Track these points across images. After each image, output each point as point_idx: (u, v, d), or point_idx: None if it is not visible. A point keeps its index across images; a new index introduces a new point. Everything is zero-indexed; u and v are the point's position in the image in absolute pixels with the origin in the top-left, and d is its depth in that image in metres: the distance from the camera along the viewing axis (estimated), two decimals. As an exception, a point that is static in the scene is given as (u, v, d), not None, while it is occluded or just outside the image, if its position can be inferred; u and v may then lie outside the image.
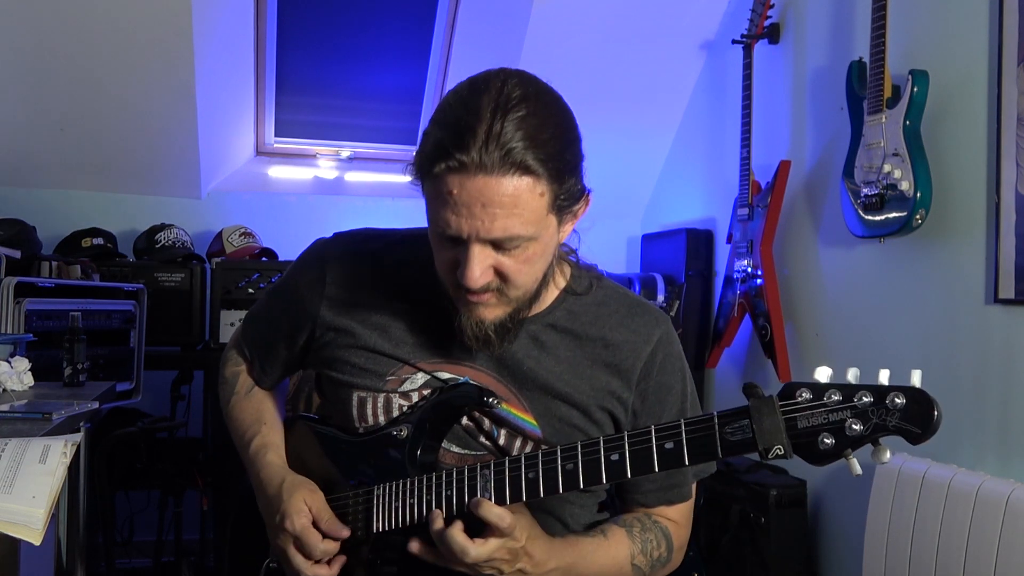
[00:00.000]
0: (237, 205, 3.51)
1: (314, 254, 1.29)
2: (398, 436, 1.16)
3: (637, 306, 1.23)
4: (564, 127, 1.05)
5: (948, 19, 2.25)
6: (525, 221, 1.01)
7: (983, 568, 1.90)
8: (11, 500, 1.08)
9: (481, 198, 0.99)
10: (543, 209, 1.03)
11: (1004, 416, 2.07)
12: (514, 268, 1.06)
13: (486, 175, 0.98)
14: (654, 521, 1.22)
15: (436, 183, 1.02)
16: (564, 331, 1.19)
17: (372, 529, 1.15)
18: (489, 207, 0.99)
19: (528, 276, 1.08)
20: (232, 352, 1.41)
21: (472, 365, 1.18)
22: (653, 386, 1.20)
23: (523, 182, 0.99)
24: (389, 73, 3.64)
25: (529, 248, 1.05)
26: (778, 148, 2.91)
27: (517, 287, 1.08)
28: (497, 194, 0.99)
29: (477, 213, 1.00)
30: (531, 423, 1.17)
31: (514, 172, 0.99)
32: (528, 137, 0.99)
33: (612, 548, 1.17)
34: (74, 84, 2.90)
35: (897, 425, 0.87)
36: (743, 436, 0.93)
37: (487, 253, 1.04)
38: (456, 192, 1.00)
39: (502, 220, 1.00)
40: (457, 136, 0.99)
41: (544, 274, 1.12)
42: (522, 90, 1.02)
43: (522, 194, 1.00)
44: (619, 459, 1.00)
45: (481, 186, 0.99)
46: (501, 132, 0.98)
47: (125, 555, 3.02)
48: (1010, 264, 2.03)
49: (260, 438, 1.27)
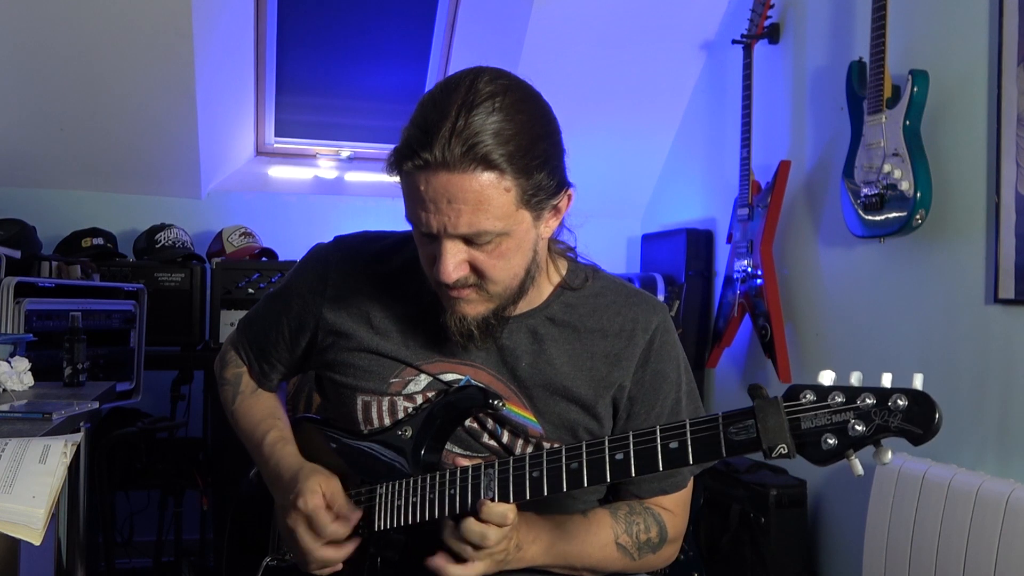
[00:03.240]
0: (237, 205, 3.51)
1: (315, 258, 1.30)
2: (403, 436, 1.17)
3: (634, 295, 1.25)
4: (534, 122, 1.05)
5: (948, 19, 2.25)
6: (492, 216, 1.03)
7: (983, 568, 1.90)
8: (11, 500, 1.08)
9: (446, 194, 1.01)
10: (511, 204, 1.04)
11: (1004, 416, 2.07)
12: (488, 263, 1.07)
13: (448, 172, 1.00)
14: (646, 507, 1.23)
15: (407, 180, 1.05)
16: (562, 324, 1.20)
17: (374, 527, 1.16)
18: (454, 203, 1.01)
19: (504, 271, 1.09)
20: (230, 354, 1.41)
21: (472, 363, 1.19)
22: (649, 374, 1.21)
23: (486, 177, 1.01)
24: (389, 73, 3.64)
25: (502, 244, 1.06)
26: (778, 148, 2.91)
27: (495, 282, 1.09)
28: (461, 190, 1.01)
29: (444, 209, 1.02)
30: (532, 420, 1.18)
31: (476, 167, 1.00)
32: (493, 133, 1.00)
33: (593, 527, 1.18)
34: (74, 84, 2.90)
35: (899, 426, 0.88)
36: (747, 436, 0.94)
37: (459, 248, 1.06)
38: (423, 189, 1.02)
39: (468, 216, 1.02)
40: (423, 134, 1.01)
41: (527, 269, 1.12)
42: (492, 87, 1.03)
43: (486, 189, 1.01)
44: (623, 458, 1.00)
45: (445, 182, 1.01)
46: (465, 127, 0.99)
47: (125, 555, 3.02)
48: (1010, 264, 2.03)
49: (276, 431, 1.28)
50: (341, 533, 1.15)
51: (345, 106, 3.70)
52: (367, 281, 1.24)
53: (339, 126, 3.72)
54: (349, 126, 3.72)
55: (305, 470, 1.18)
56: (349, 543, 1.16)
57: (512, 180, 1.02)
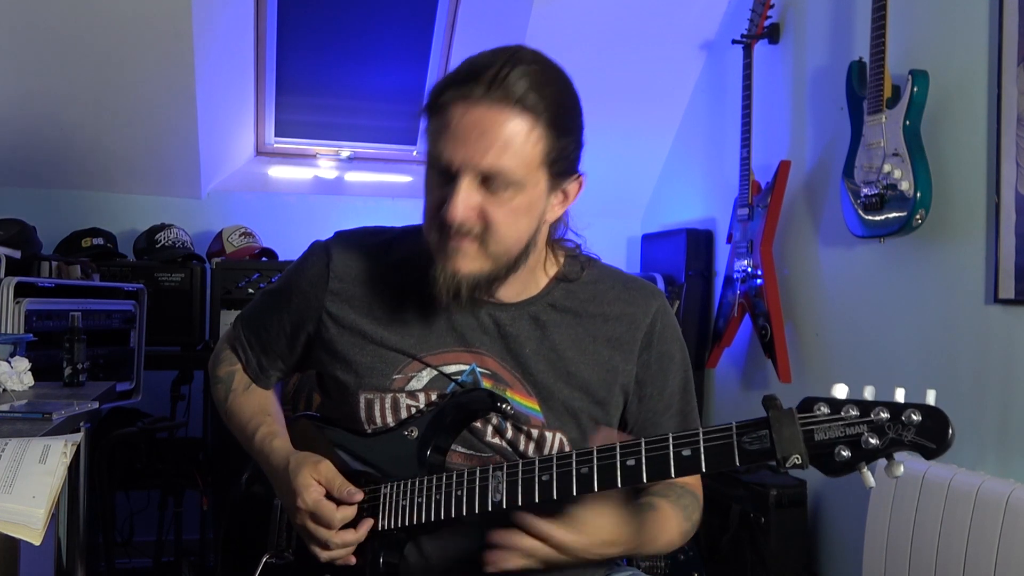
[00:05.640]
0: (237, 205, 3.51)
1: (315, 251, 1.30)
2: (408, 437, 1.17)
3: (632, 281, 1.27)
4: (569, 93, 1.12)
5: (948, 19, 2.25)
6: (516, 161, 1.06)
7: (983, 568, 1.90)
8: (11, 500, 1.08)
9: (479, 126, 1.05)
10: (535, 157, 1.07)
11: (1004, 416, 2.07)
12: (497, 215, 1.08)
13: (487, 106, 1.04)
14: (682, 487, 1.25)
15: (440, 114, 1.07)
16: (564, 310, 1.22)
17: (377, 527, 1.15)
18: (485, 137, 1.05)
19: (511, 229, 1.10)
20: (225, 352, 1.40)
21: (477, 350, 1.20)
22: (655, 356, 1.23)
23: (521, 121, 1.05)
24: (389, 73, 3.64)
25: (515, 198, 1.08)
26: (778, 148, 2.91)
27: (498, 240, 1.10)
28: (494, 125, 1.05)
29: (473, 142, 1.05)
30: (535, 409, 1.19)
31: (515, 109, 1.05)
32: (533, 85, 1.05)
33: (663, 522, 1.18)
34: (74, 84, 2.90)
35: (913, 440, 0.89)
36: (761, 446, 0.94)
37: (474, 191, 1.07)
38: (456, 121, 1.05)
39: (494, 152, 1.05)
40: (468, 73, 1.06)
41: (528, 239, 1.14)
42: (534, 55, 1.10)
43: (519, 132, 1.05)
44: (635, 464, 1.00)
45: (481, 115, 1.05)
46: (511, 72, 1.05)
47: (125, 555, 3.02)
48: (1010, 264, 2.03)
49: (265, 427, 1.28)
50: (350, 516, 1.15)
51: (345, 106, 3.70)
52: (369, 273, 1.25)
53: (339, 126, 3.72)
54: (349, 126, 3.72)
55: (293, 463, 1.18)
56: (363, 523, 1.15)
57: (542, 132, 1.07)
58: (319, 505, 1.13)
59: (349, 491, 1.14)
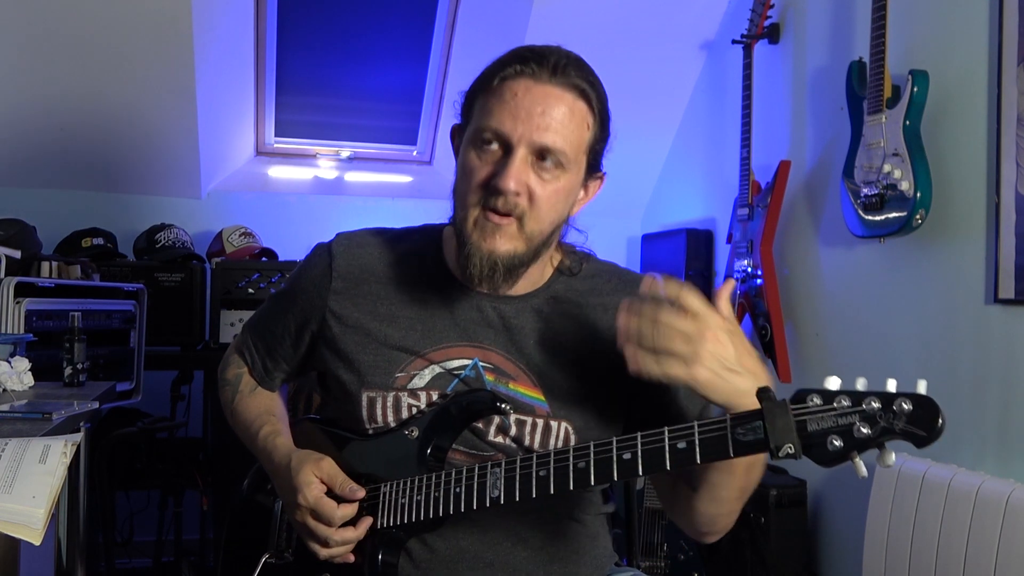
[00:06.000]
0: (237, 205, 3.51)
1: (319, 252, 1.32)
2: (409, 436, 1.18)
3: (628, 274, 1.31)
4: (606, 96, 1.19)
5: (948, 19, 2.25)
6: (570, 141, 1.12)
7: (983, 568, 1.90)
8: (11, 500, 1.08)
9: (543, 103, 1.10)
10: (583, 142, 1.14)
11: (1004, 416, 2.07)
12: (543, 193, 1.12)
13: (553, 85, 1.11)
14: None
15: (501, 87, 1.11)
16: (565, 301, 1.24)
17: (377, 524, 1.16)
18: (547, 114, 1.10)
19: (551, 210, 1.14)
20: (233, 357, 1.43)
21: (480, 345, 1.21)
22: None
23: (581, 105, 1.13)
24: (389, 73, 3.64)
25: (560, 179, 1.13)
26: (778, 148, 2.91)
27: (538, 219, 1.13)
28: (558, 103, 1.11)
29: (535, 117, 1.09)
30: (540, 399, 1.20)
31: (578, 94, 1.12)
32: (590, 78, 1.14)
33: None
34: (74, 84, 2.90)
35: (904, 429, 0.90)
36: (755, 437, 0.95)
37: (527, 166, 1.11)
38: (520, 95, 1.10)
39: (554, 130, 1.10)
40: (529, 56, 1.12)
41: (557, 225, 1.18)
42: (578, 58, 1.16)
43: (576, 116, 1.12)
44: (631, 458, 1.01)
45: (546, 93, 1.10)
46: (569, 63, 1.12)
47: (125, 555, 3.02)
48: (1010, 264, 2.03)
49: (269, 427, 1.29)
50: (350, 514, 1.15)
51: (345, 106, 3.70)
52: (372, 271, 1.26)
53: (339, 126, 3.72)
54: (349, 126, 3.72)
55: (295, 461, 1.18)
56: (363, 521, 1.16)
57: (593, 120, 1.15)
58: (320, 502, 1.14)
59: (351, 488, 1.15)
